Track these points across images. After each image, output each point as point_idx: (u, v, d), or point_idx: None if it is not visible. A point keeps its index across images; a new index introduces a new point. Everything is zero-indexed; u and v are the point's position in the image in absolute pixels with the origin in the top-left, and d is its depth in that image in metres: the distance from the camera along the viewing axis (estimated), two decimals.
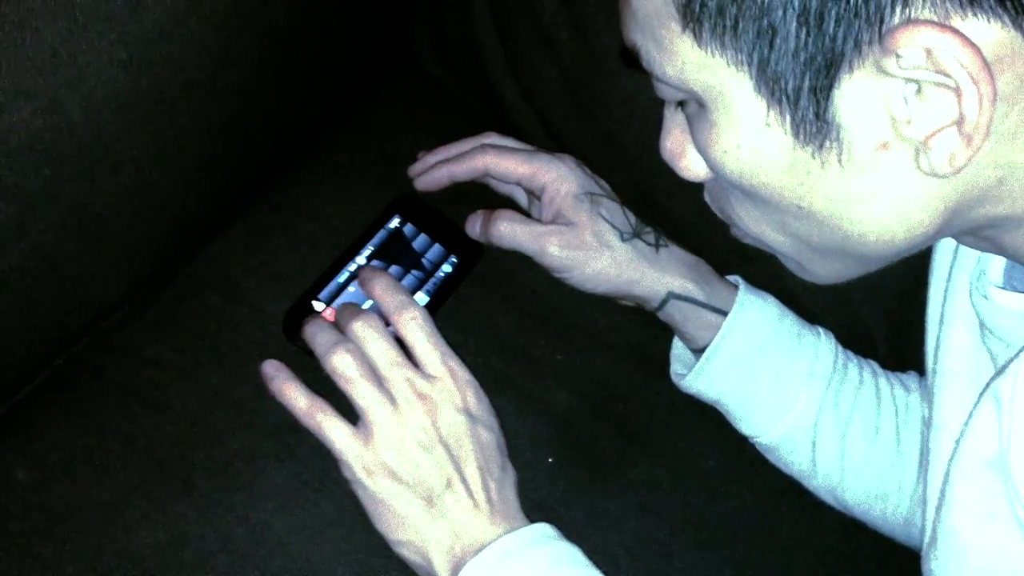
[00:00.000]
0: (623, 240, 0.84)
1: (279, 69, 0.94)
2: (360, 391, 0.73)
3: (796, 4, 0.50)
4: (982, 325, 0.67)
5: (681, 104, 0.63)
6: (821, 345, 0.87)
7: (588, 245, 0.83)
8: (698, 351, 0.86)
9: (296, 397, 0.74)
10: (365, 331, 0.74)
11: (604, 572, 0.72)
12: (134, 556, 0.77)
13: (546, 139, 0.99)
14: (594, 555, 0.74)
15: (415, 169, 0.90)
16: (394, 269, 0.85)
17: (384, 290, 0.78)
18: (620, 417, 0.92)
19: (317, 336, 0.76)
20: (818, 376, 0.85)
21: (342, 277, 0.84)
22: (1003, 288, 0.65)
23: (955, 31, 0.49)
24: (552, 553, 0.72)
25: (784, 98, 0.54)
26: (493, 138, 0.90)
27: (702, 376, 0.86)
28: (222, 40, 0.85)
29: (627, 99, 0.91)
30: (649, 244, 0.85)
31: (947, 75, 0.50)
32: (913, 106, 0.52)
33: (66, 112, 0.76)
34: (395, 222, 0.88)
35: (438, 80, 1.09)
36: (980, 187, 0.55)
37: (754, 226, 0.64)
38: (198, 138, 0.87)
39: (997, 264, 0.66)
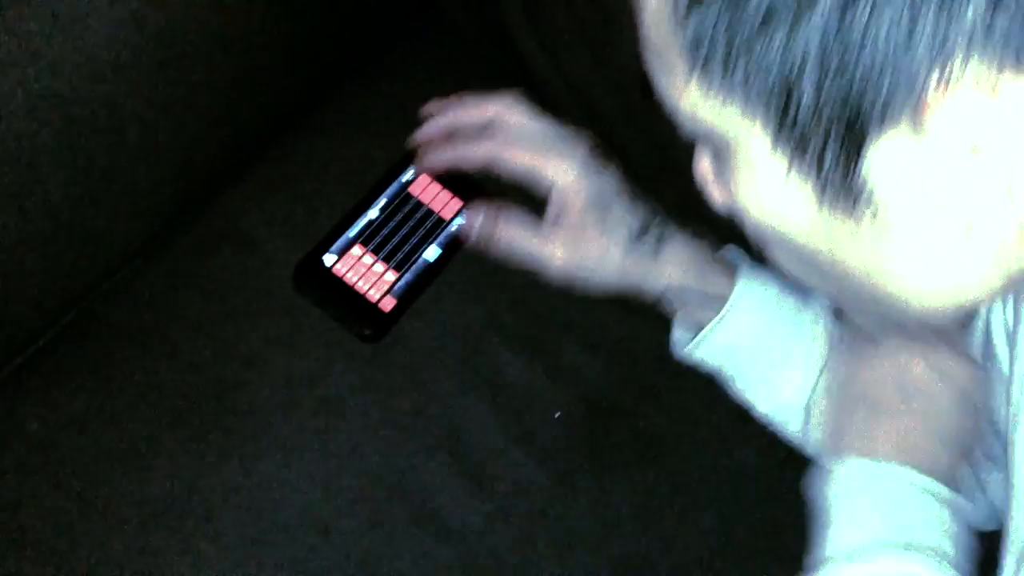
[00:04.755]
0: (627, 252, 0.83)
1: (294, 17, 0.94)
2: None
3: (813, 57, 0.44)
4: None
5: None
6: (819, 326, 0.86)
7: (591, 261, 0.81)
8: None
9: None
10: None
11: (606, 524, 0.72)
12: (145, 506, 0.79)
13: (562, 86, 0.99)
14: (599, 506, 0.74)
15: (421, 134, 0.88)
16: (408, 221, 0.85)
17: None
18: (629, 370, 0.92)
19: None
20: (815, 356, 0.84)
21: (353, 231, 0.84)
22: None
23: (999, 94, 0.43)
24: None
25: (805, 158, 0.47)
26: (509, 102, 0.86)
27: (700, 349, 0.85)
28: None
29: (638, 52, 0.90)
30: (651, 246, 0.84)
31: (992, 142, 0.44)
32: (955, 174, 0.46)
33: (68, 73, 0.77)
34: (409, 174, 0.87)
35: (459, 28, 1.08)
36: None
37: (792, 269, 0.58)
38: (207, 92, 0.88)
39: None
